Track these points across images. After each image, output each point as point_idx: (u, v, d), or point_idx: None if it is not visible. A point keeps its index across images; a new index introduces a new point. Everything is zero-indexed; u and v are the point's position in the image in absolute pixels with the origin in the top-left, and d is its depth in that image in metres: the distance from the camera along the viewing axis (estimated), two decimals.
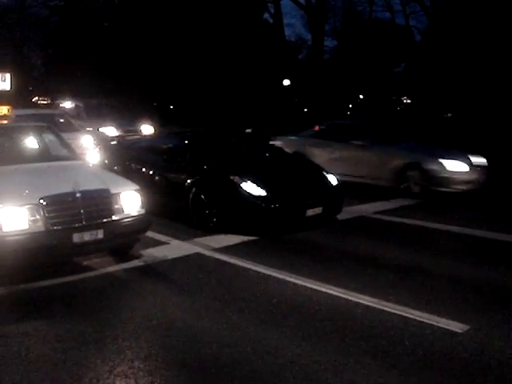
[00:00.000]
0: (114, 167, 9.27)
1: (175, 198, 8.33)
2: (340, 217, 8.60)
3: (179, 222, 8.16)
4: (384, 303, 5.15)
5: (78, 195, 5.78)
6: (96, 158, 10.48)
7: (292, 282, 5.76)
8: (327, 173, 8.80)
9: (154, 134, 17.42)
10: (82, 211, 5.75)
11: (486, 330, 4.62)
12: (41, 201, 5.57)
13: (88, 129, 15.71)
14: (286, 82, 34.70)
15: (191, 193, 7.98)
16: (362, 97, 41.99)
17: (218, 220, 7.69)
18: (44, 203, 5.57)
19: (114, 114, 17.76)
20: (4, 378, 3.83)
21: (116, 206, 6.06)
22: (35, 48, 46.23)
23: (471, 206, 9.88)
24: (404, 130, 13.59)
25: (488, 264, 6.52)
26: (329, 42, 51.23)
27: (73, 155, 7.47)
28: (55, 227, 5.60)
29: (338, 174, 10.24)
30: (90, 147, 12.76)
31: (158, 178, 8.71)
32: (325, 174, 8.70)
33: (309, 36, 39.41)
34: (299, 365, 4.02)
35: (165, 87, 33.80)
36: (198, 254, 6.77)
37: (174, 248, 7.01)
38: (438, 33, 26.92)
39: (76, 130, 13.89)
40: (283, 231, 7.70)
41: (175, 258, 6.58)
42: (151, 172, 8.85)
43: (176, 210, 8.37)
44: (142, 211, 6.34)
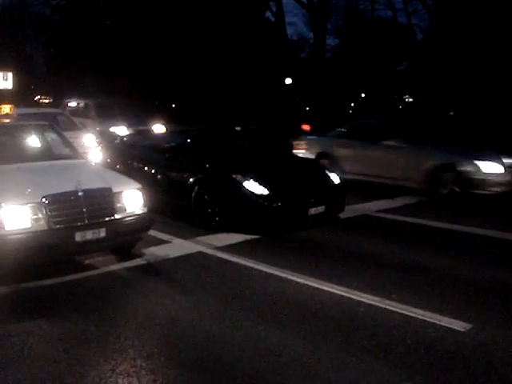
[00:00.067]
0: (116, 166, 9.28)
1: (177, 197, 8.33)
2: (343, 215, 8.59)
3: (181, 221, 8.16)
4: (386, 302, 5.15)
5: (80, 194, 5.78)
6: (98, 156, 10.50)
7: (294, 281, 5.75)
8: (329, 171, 8.82)
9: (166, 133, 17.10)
10: (84, 210, 5.75)
11: (489, 328, 4.61)
12: (43, 199, 5.57)
13: (97, 129, 15.55)
14: (288, 81, 34.71)
15: (193, 191, 7.98)
16: (363, 95, 41.98)
17: (221, 218, 7.69)
18: (46, 202, 5.58)
19: (125, 113, 17.28)
20: (7, 377, 3.84)
21: (118, 205, 6.06)
22: (37, 47, 46.40)
23: (475, 206, 9.84)
24: (436, 130, 13.04)
25: (491, 263, 6.51)
26: (331, 41, 51.41)
27: (75, 154, 7.47)
28: (57, 226, 5.60)
29: (365, 175, 10.21)
30: (92, 146, 12.75)
31: (160, 176, 8.71)
32: (327, 173, 8.70)
33: (311, 34, 39.54)
34: (301, 363, 4.02)
35: (167, 86, 33.82)
36: (200, 253, 6.78)
37: (176, 247, 7.01)
38: (439, 31, 26.90)
39: (78, 128, 13.88)
40: (285, 230, 7.69)
41: (177, 257, 6.57)
42: (153, 171, 8.85)
43: (178, 208, 8.38)
44: (145, 210, 6.34)
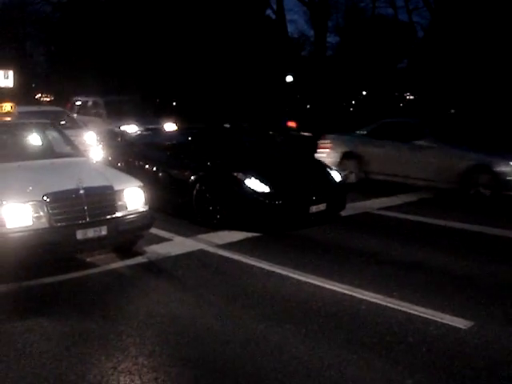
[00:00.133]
0: (117, 164, 9.28)
1: (179, 195, 8.33)
2: (344, 213, 8.59)
3: (183, 219, 8.16)
4: (388, 299, 5.14)
5: (81, 192, 5.78)
6: (99, 154, 10.50)
7: (296, 279, 5.75)
8: (331, 169, 8.82)
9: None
10: (85, 208, 5.75)
11: (491, 326, 4.61)
12: (44, 197, 5.57)
13: (108, 127, 15.46)
14: (289, 79, 34.66)
15: (195, 189, 7.97)
16: (364, 93, 41.94)
17: (222, 216, 7.68)
18: (47, 200, 5.58)
19: (135, 112, 17.06)
20: (8, 375, 3.85)
21: (119, 203, 6.06)
22: (38, 45, 46.33)
23: (475, 204, 9.82)
24: (469, 129, 12.54)
25: (493, 261, 6.49)
26: (331, 39, 51.28)
27: (76, 152, 7.47)
28: (59, 224, 5.60)
29: (395, 175, 10.05)
30: (94, 144, 12.76)
31: (162, 174, 8.71)
32: (328, 171, 8.70)
33: (311, 32, 39.52)
34: (303, 361, 4.02)
35: (168, 84, 33.79)
36: (201, 251, 6.78)
37: (178, 244, 7.01)
38: (440, 28, 26.83)
39: (79, 126, 13.89)
40: (287, 228, 7.69)
41: (179, 255, 6.58)
42: (155, 168, 8.85)
43: (179, 206, 8.38)
44: (146, 208, 6.35)
